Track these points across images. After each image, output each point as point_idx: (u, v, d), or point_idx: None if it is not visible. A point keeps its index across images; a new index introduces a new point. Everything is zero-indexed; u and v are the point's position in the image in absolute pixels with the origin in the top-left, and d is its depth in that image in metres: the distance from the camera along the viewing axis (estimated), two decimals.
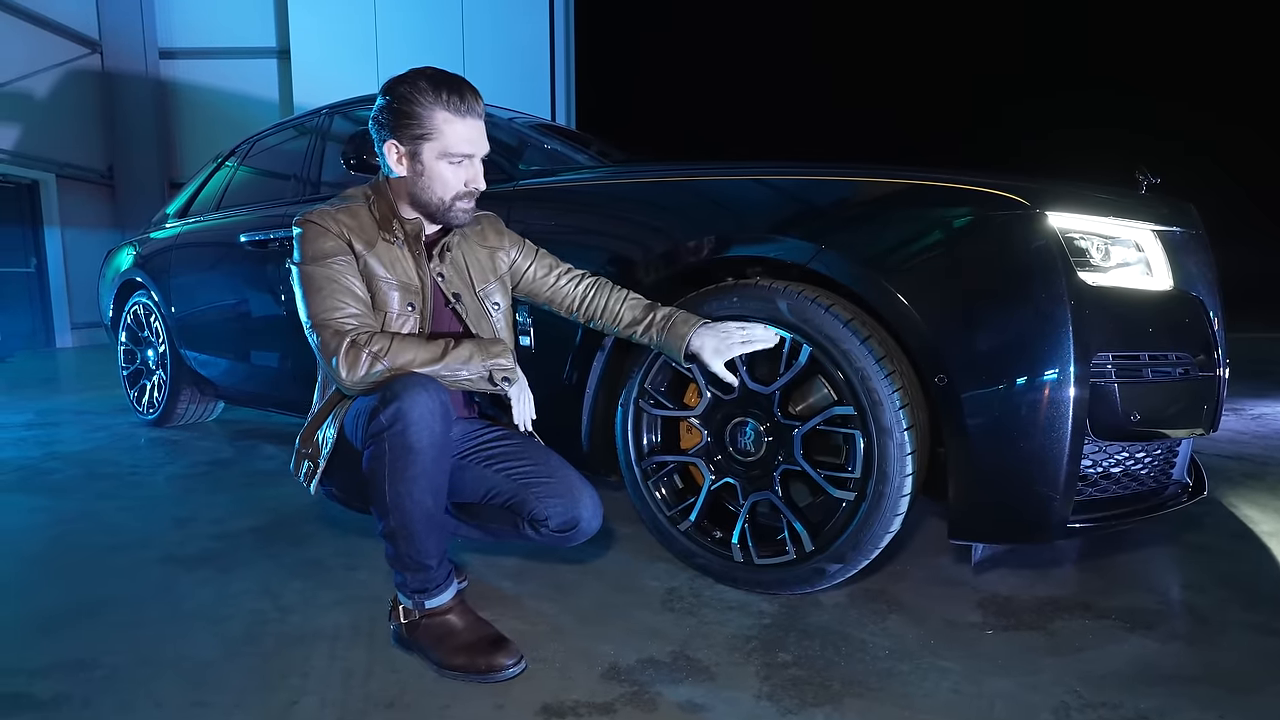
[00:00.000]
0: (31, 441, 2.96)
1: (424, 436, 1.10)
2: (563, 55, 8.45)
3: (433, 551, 1.17)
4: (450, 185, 1.26)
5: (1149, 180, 1.54)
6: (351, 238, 1.25)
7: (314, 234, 1.24)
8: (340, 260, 1.23)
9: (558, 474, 1.30)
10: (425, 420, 1.10)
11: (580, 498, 1.27)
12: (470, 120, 1.24)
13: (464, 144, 1.24)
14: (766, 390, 1.42)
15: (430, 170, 1.25)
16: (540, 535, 1.28)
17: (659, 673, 1.16)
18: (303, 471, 1.33)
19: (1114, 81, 14.43)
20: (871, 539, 1.32)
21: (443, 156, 1.24)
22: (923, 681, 1.13)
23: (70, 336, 8.00)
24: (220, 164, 3.24)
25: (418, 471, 1.11)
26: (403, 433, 1.09)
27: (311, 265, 1.23)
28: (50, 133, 7.65)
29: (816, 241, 1.35)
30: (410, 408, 1.09)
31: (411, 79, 1.23)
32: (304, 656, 1.21)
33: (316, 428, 1.32)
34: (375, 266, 1.26)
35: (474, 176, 1.27)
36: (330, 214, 1.26)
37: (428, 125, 1.22)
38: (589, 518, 1.28)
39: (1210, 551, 1.69)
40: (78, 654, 1.22)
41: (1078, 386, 1.19)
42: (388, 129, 1.25)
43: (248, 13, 8.47)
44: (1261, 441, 2.84)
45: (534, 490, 1.27)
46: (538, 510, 1.26)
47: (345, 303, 1.21)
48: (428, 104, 1.21)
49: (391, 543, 1.17)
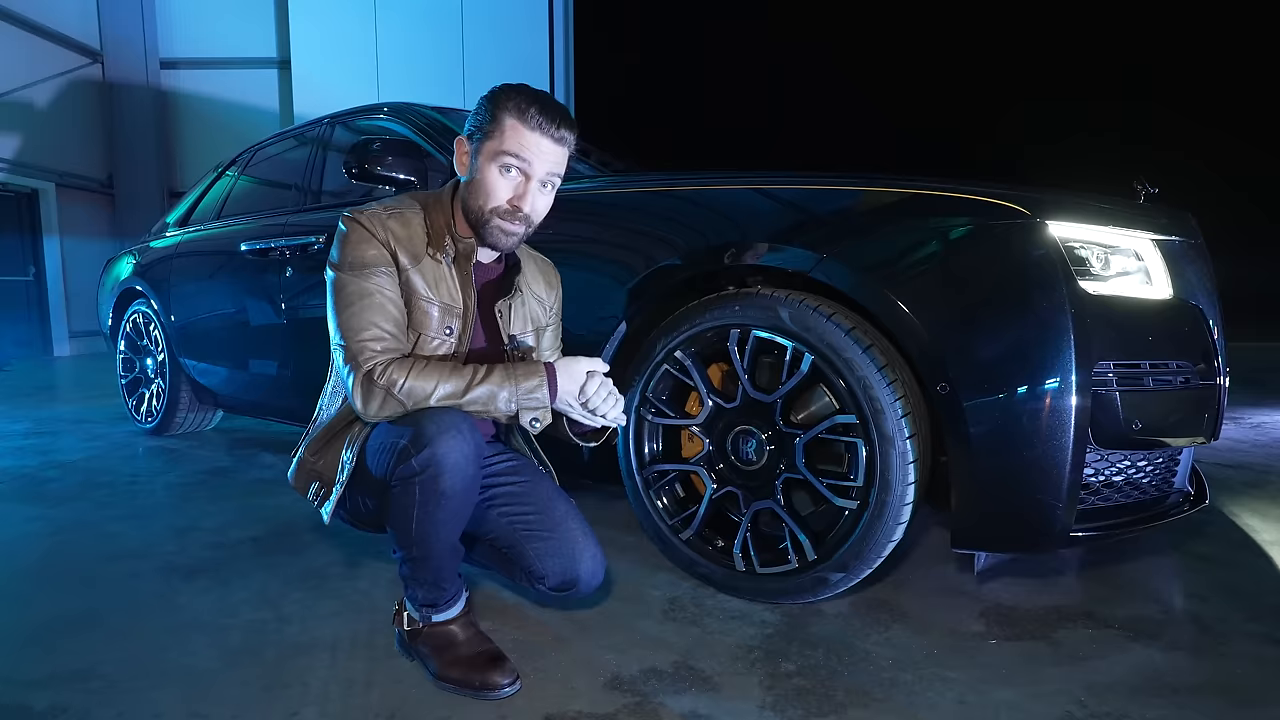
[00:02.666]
0: (29, 450, 2.95)
1: (458, 483, 1.06)
2: (562, 66, 8.51)
3: (449, 575, 1.17)
4: (493, 195, 1.16)
5: (1147, 190, 1.55)
6: (398, 249, 1.16)
7: (358, 237, 1.15)
8: (379, 273, 1.15)
9: (559, 528, 1.24)
10: (460, 467, 1.05)
11: (581, 558, 1.22)
12: (536, 133, 1.14)
13: (518, 148, 1.14)
14: (768, 399, 1.42)
15: (480, 172, 1.17)
16: (537, 590, 1.25)
17: (662, 683, 1.15)
18: (310, 489, 1.26)
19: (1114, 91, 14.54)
20: (874, 548, 1.32)
21: (494, 158, 1.15)
22: (926, 692, 1.13)
23: (68, 345, 8.00)
24: (221, 173, 3.24)
25: (447, 515, 1.09)
26: (435, 478, 1.05)
27: (348, 273, 1.15)
28: (50, 142, 7.67)
29: (818, 250, 1.36)
30: (445, 455, 1.04)
31: (507, 86, 1.17)
32: (304, 667, 1.20)
33: (328, 443, 1.25)
34: (417, 283, 1.17)
35: (522, 195, 1.16)
36: (380, 218, 1.17)
37: (492, 124, 1.15)
38: (588, 577, 1.23)
39: (1212, 560, 1.69)
40: (75, 664, 1.21)
41: (1079, 395, 1.19)
42: (466, 126, 1.20)
43: (249, 23, 8.52)
44: (1262, 450, 2.84)
45: (534, 546, 1.23)
46: (535, 567, 1.22)
47: (374, 322, 1.13)
48: (502, 104, 1.15)
49: (410, 566, 1.15)
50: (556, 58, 8.29)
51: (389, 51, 7.90)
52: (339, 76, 7.80)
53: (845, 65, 15.05)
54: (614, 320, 1.59)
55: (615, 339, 1.60)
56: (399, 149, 1.83)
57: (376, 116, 2.45)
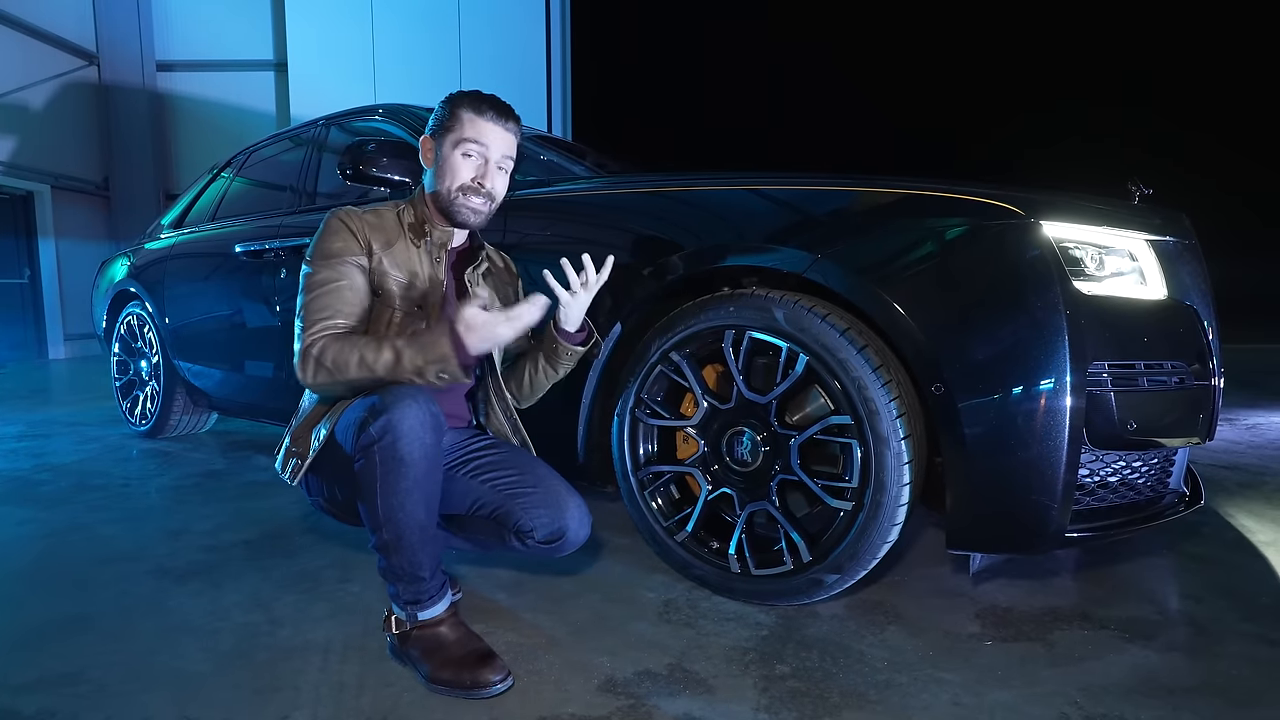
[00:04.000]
0: (22, 453, 2.94)
1: (415, 449, 1.09)
2: (559, 67, 8.51)
3: (426, 563, 1.16)
4: (459, 175, 1.32)
5: (1142, 191, 1.55)
6: (371, 236, 1.30)
7: (332, 229, 1.30)
8: (345, 262, 1.27)
9: (544, 484, 1.29)
10: (415, 432, 1.09)
11: (567, 507, 1.26)
12: (489, 122, 1.33)
13: (476, 135, 1.31)
14: (763, 400, 1.41)
15: (445, 160, 1.33)
16: (527, 547, 1.27)
17: (656, 685, 1.14)
18: (289, 469, 1.32)
19: (1108, 93, 14.59)
20: (869, 549, 1.31)
21: (457, 146, 1.32)
22: (921, 693, 1.12)
23: (63, 348, 7.97)
24: (216, 175, 3.24)
25: (410, 484, 1.10)
26: (393, 445, 1.08)
27: (316, 261, 1.28)
28: (46, 144, 7.66)
29: (813, 251, 1.35)
30: (400, 419, 1.08)
31: (462, 91, 1.36)
32: (296, 670, 1.19)
33: (310, 427, 1.31)
34: (389, 265, 1.31)
35: (483, 174, 1.33)
36: (356, 213, 1.33)
37: (451, 119, 1.33)
38: (576, 528, 1.27)
39: (1208, 561, 1.69)
40: (65, 668, 1.20)
41: (1074, 395, 1.19)
42: (427, 128, 1.37)
43: (245, 26, 8.52)
44: (1256, 451, 2.85)
45: (519, 501, 1.26)
46: (523, 521, 1.25)
47: (329, 305, 1.24)
48: (459, 103, 1.34)
49: (385, 555, 1.16)
50: (554, 59, 8.29)
51: (386, 53, 7.89)
52: (336, 78, 7.79)
53: (845, 65, 15.09)
54: (608, 321, 1.59)
55: (610, 340, 1.60)
56: (394, 150, 1.83)
57: (372, 118, 2.44)
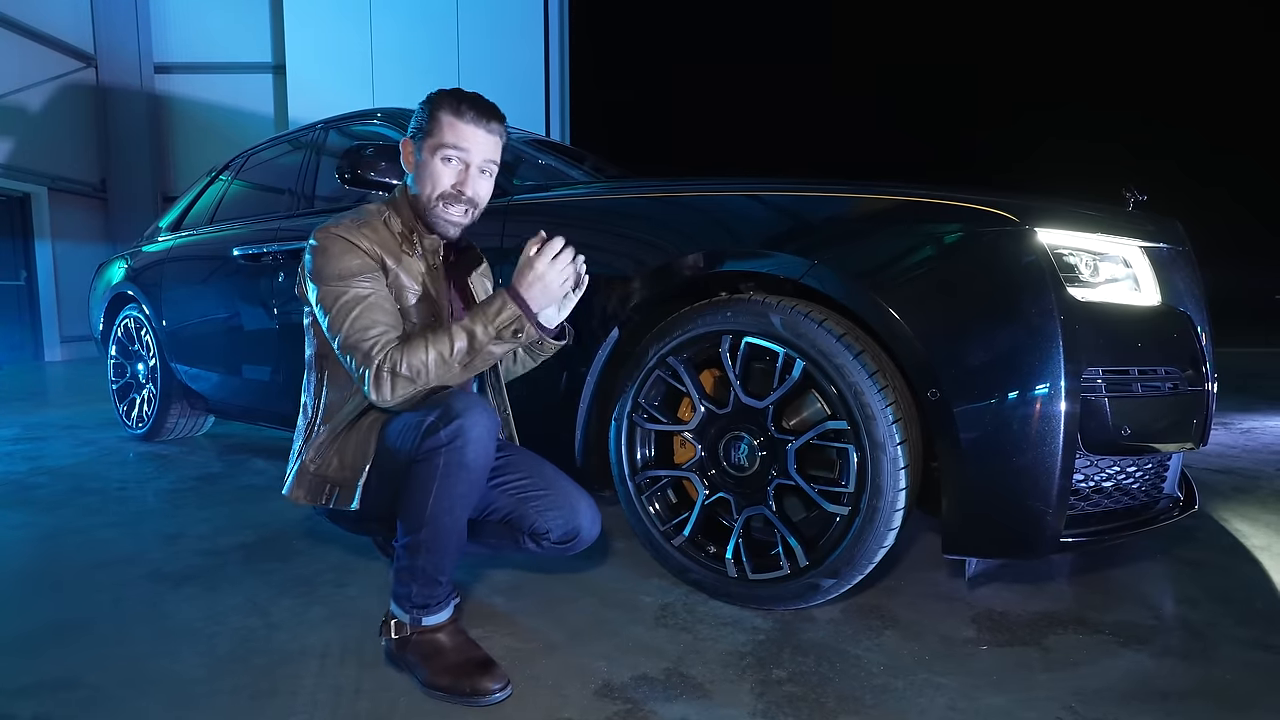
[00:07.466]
0: (18, 456, 2.93)
1: (480, 456, 1.12)
2: (557, 71, 8.51)
3: (448, 569, 1.18)
4: (439, 182, 1.27)
5: (1136, 197, 1.56)
6: (383, 254, 1.26)
7: (340, 249, 1.23)
8: (369, 277, 1.23)
9: (554, 486, 1.32)
10: (483, 441, 1.12)
11: (578, 508, 1.30)
12: (470, 125, 1.27)
13: (456, 140, 1.26)
14: (760, 405, 1.42)
15: (425, 166, 1.28)
16: (542, 548, 1.31)
17: (653, 690, 1.15)
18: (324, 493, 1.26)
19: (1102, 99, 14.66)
20: (865, 554, 1.32)
21: (436, 151, 1.27)
22: (917, 698, 1.12)
23: (60, 350, 7.95)
24: (214, 178, 3.23)
25: (466, 489, 1.13)
26: (461, 449, 1.10)
27: (338, 284, 1.21)
28: (43, 146, 7.64)
29: (809, 257, 1.36)
30: (471, 426, 1.10)
31: (442, 90, 1.30)
32: (293, 675, 1.19)
33: (334, 445, 1.27)
34: (404, 279, 1.28)
35: (464, 180, 1.28)
36: (354, 229, 1.25)
37: (431, 123, 1.28)
38: (588, 526, 1.31)
39: (1202, 566, 1.69)
40: (61, 673, 1.20)
41: (1068, 401, 1.20)
42: (409, 129, 1.32)
43: (244, 28, 8.51)
44: (1251, 455, 2.86)
45: (532, 505, 1.29)
46: (538, 524, 1.28)
47: (377, 320, 1.21)
48: (439, 105, 1.28)
49: (412, 555, 1.15)
50: (552, 62, 8.29)
51: (385, 57, 7.89)
52: (334, 82, 7.79)
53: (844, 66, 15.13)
54: (605, 326, 1.59)
55: (607, 345, 1.60)
56: (392, 154, 1.83)
57: (370, 121, 2.45)
